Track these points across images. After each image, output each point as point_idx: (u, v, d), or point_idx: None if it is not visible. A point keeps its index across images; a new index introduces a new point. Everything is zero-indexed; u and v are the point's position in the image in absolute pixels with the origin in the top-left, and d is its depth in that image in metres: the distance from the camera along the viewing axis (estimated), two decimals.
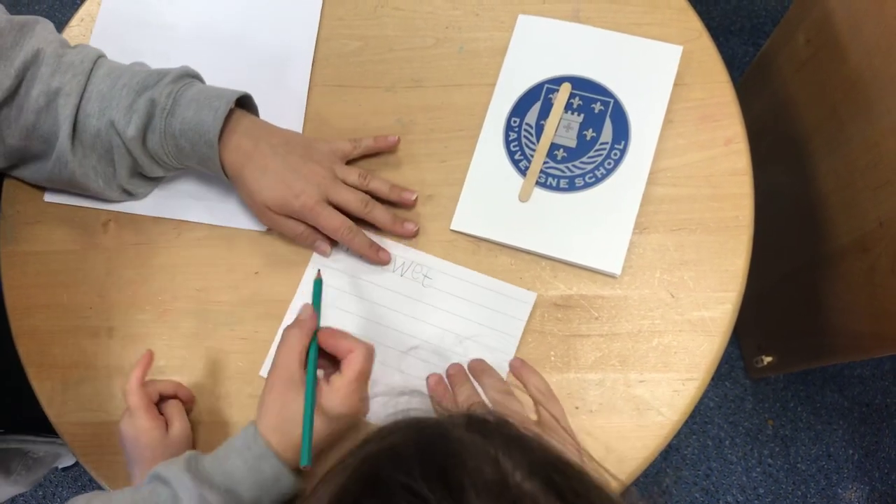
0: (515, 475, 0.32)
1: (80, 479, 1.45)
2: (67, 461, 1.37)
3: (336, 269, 0.71)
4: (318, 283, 0.66)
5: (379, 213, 0.69)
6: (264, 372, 0.68)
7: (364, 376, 0.59)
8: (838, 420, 1.40)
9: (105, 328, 0.71)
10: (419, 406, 0.50)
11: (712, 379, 1.43)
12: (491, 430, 0.36)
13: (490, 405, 0.57)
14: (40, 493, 1.45)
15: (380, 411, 0.62)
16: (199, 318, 0.71)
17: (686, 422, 0.66)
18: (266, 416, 0.57)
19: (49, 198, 0.75)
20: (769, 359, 1.23)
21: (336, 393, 0.57)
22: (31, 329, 0.72)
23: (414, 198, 0.71)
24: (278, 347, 0.59)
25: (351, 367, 0.58)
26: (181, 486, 0.53)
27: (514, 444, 0.35)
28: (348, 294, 0.70)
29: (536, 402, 0.59)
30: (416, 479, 0.31)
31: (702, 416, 1.40)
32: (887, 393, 1.41)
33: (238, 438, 0.57)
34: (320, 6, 0.80)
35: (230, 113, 0.65)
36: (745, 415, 1.41)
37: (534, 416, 0.59)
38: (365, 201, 0.69)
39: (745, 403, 1.41)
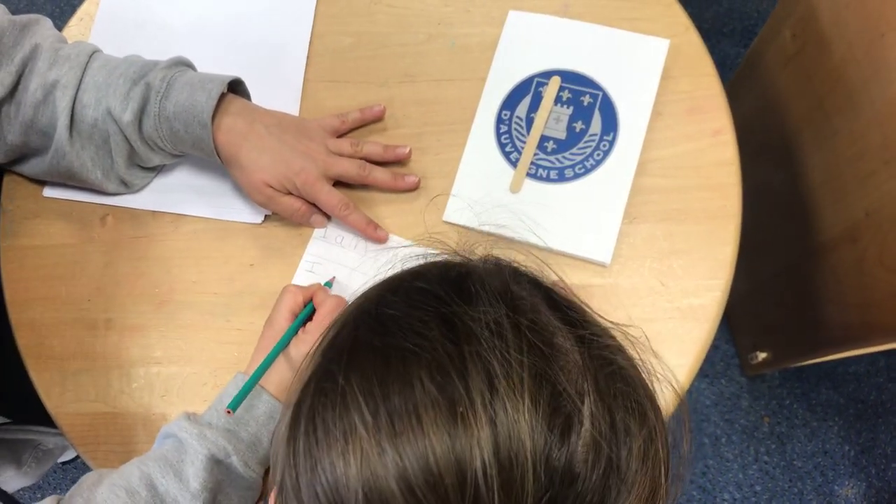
0: (519, 288, 0.36)
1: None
2: (71, 454, 1.38)
3: (330, 260, 0.72)
4: (329, 285, 0.69)
5: (378, 174, 0.71)
6: None
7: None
8: (834, 417, 1.40)
9: (103, 320, 0.72)
10: None
11: (707, 377, 1.44)
12: (504, 265, 0.39)
13: None
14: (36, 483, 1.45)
15: None
16: (195, 309, 0.72)
17: (681, 419, 0.67)
18: (254, 363, 0.62)
19: (48, 192, 0.76)
20: (764, 355, 1.23)
21: (307, 336, 0.62)
22: (30, 321, 0.73)
23: (408, 151, 0.73)
24: (275, 304, 0.64)
25: (320, 312, 0.63)
26: (182, 430, 0.57)
27: (522, 275, 0.38)
28: (342, 286, 0.71)
29: None
30: (433, 285, 0.35)
31: (698, 414, 1.41)
32: (882, 389, 1.42)
33: (229, 386, 0.62)
34: (314, 4, 0.81)
35: (223, 96, 0.67)
36: (740, 412, 1.41)
37: None
38: (362, 166, 0.71)
39: (741, 401, 1.42)
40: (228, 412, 0.57)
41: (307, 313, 0.64)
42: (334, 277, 0.70)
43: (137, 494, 0.53)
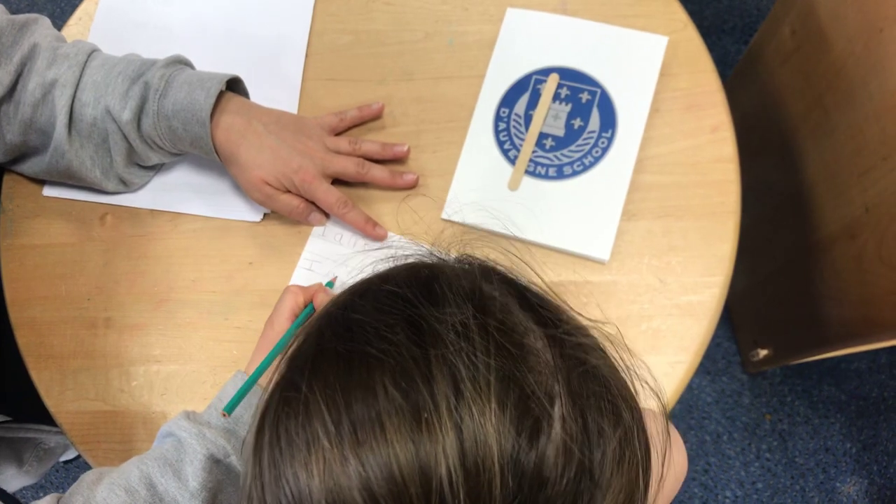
0: (490, 288, 0.35)
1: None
2: (73, 453, 1.38)
3: (328, 258, 0.72)
4: (330, 284, 0.69)
5: (377, 172, 0.71)
6: None
7: None
8: (836, 414, 1.40)
9: (102, 318, 0.72)
10: None
11: (709, 374, 1.44)
12: (476, 264, 0.38)
13: None
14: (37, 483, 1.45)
15: None
16: (194, 308, 0.72)
17: (683, 417, 0.67)
18: (253, 362, 0.61)
19: (48, 192, 0.77)
20: (765, 352, 1.23)
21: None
22: (30, 320, 0.73)
23: (406, 149, 0.73)
24: (276, 304, 0.64)
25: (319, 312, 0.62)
26: (181, 429, 0.56)
27: (495, 274, 0.37)
28: (339, 285, 0.71)
29: None
30: (401, 287, 0.34)
31: (699, 412, 1.41)
32: (884, 386, 1.41)
33: (229, 383, 0.61)
34: (313, 2, 0.81)
35: (221, 94, 0.67)
36: (742, 410, 1.41)
37: None
38: (360, 163, 0.71)
39: (743, 398, 1.41)
40: (224, 415, 0.57)
41: (307, 314, 0.64)
42: (336, 277, 0.70)
43: (137, 493, 0.53)
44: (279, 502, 0.31)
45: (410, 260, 0.40)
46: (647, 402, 0.38)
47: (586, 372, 0.33)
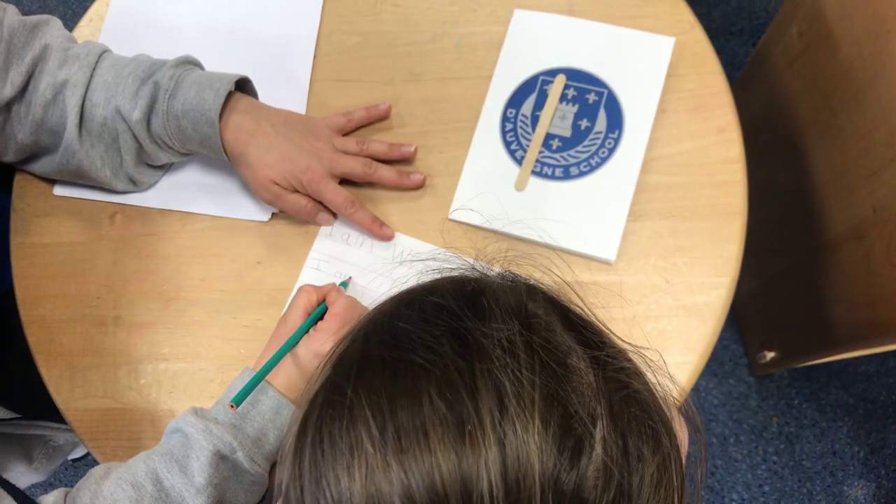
0: (534, 306, 0.35)
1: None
2: (81, 451, 1.39)
3: (336, 257, 0.72)
4: (344, 285, 0.69)
5: (384, 172, 0.72)
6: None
7: (342, 320, 0.62)
8: (843, 417, 1.40)
9: (112, 317, 0.73)
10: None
11: (716, 376, 1.44)
12: (520, 281, 0.39)
13: None
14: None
15: None
16: (202, 306, 0.72)
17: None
18: (263, 359, 0.62)
19: (58, 191, 0.77)
20: (772, 354, 1.23)
21: (317, 335, 0.62)
22: (40, 318, 0.73)
23: (413, 149, 0.74)
24: (290, 302, 0.65)
25: (331, 311, 0.63)
26: (188, 425, 0.57)
27: (539, 292, 0.38)
28: (353, 286, 0.71)
29: None
30: (447, 300, 0.35)
31: (706, 414, 1.41)
32: (892, 390, 1.41)
33: (237, 380, 0.61)
34: (321, 3, 0.82)
35: (230, 94, 0.68)
36: (749, 412, 1.41)
37: None
38: (368, 164, 0.71)
39: (750, 401, 1.41)
40: (232, 406, 0.57)
41: (319, 312, 0.64)
42: (350, 278, 0.70)
43: (143, 489, 0.54)
44: (317, 499, 0.31)
45: (455, 273, 0.41)
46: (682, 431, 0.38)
47: (628, 396, 0.33)
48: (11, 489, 0.53)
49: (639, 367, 0.36)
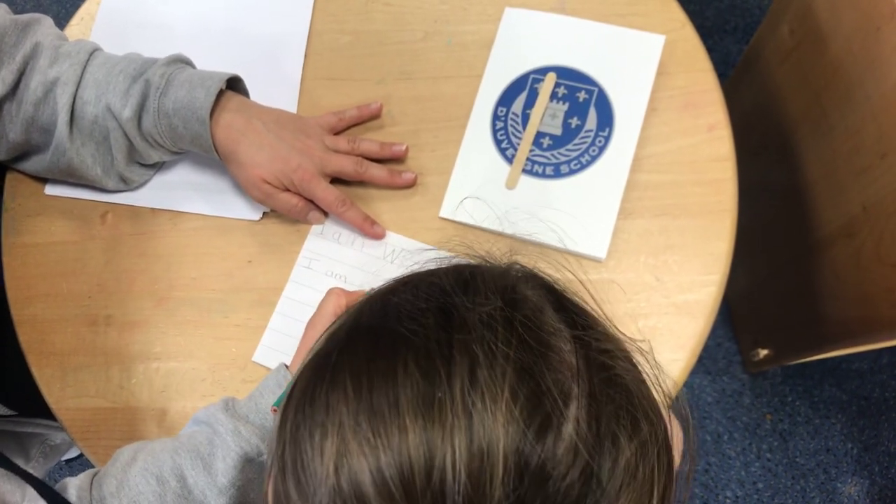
0: (525, 288, 0.36)
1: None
2: (76, 451, 1.38)
3: (327, 256, 0.72)
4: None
5: (375, 171, 0.72)
6: (257, 357, 0.70)
7: None
8: (837, 414, 1.40)
9: (103, 316, 0.73)
10: None
11: (710, 374, 1.44)
12: (517, 267, 0.39)
13: None
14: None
15: None
16: (194, 305, 0.72)
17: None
18: (296, 361, 0.61)
19: (49, 190, 0.77)
20: (765, 352, 1.23)
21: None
22: (32, 317, 0.73)
23: (404, 148, 0.74)
24: (318, 305, 0.63)
25: None
26: (218, 423, 0.57)
27: (536, 278, 0.38)
28: (338, 279, 0.71)
29: None
30: (442, 280, 0.36)
31: (700, 412, 1.41)
32: (885, 386, 1.41)
33: (270, 378, 0.61)
34: (312, 2, 0.82)
35: (221, 93, 0.68)
36: (743, 409, 1.41)
37: None
38: (359, 162, 0.71)
39: (744, 398, 1.41)
40: (274, 410, 0.57)
41: None
42: (373, 288, 0.69)
43: (167, 484, 0.54)
44: (295, 462, 0.32)
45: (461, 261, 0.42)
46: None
47: (609, 378, 0.33)
48: (31, 479, 0.53)
49: (630, 355, 0.37)
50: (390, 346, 0.33)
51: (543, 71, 0.75)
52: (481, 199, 0.72)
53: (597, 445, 0.31)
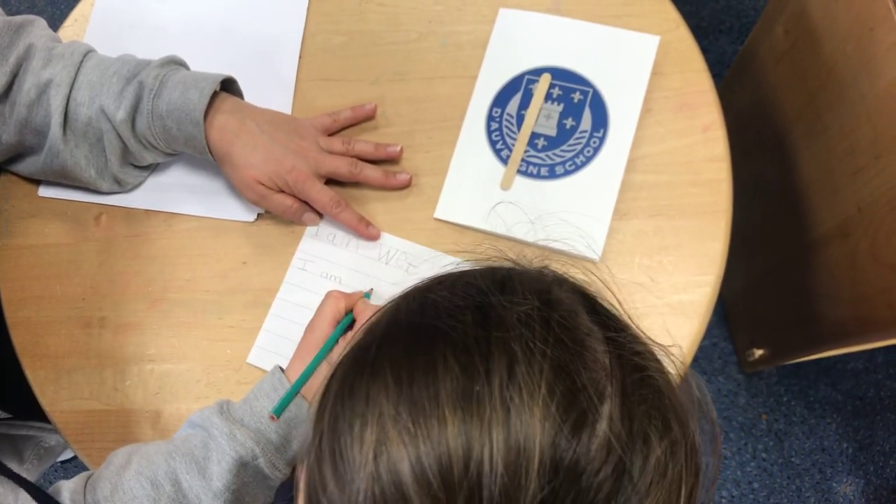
0: (559, 290, 0.37)
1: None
2: (71, 453, 1.38)
3: (322, 257, 0.72)
4: (368, 296, 0.68)
5: (369, 172, 0.72)
6: (251, 359, 0.70)
7: None
8: (832, 414, 1.40)
9: (97, 318, 0.73)
10: None
11: (705, 374, 1.44)
12: (551, 271, 0.40)
13: None
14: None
15: None
16: (188, 307, 0.72)
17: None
18: (293, 365, 0.61)
19: (43, 192, 0.77)
20: (761, 352, 1.24)
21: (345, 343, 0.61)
22: (25, 320, 0.73)
23: (399, 149, 0.74)
24: (317, 309, 0.64)
25: (359, 322, 0.63)
26: (213, 426, 0.57)
27: (569, 283, 0.39)
28: (333, 280, 0.71)
29: None
30: (478, 280, 0.37)
31: None
32: (880, 386, 1.41)
33: (265, 381, 0.61)
34: (307, 2, 0.82)
35: (215, 94, 0.67)
36: (738, 409, 1.41)
37: None
38: (354, 163, 0.71)
39: (739, 398, 1.42)
40: (273, 418, 0.57)
41: (348, 322, 0.63)
42: (372, 289, 0.69)
43: (162, 488, 0.54)
44: (333, 451, 0.33)
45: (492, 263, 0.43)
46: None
47: (641, 379, 0.34)
48: (24, 483, 0.53)
49: (659, 360, 0.37)
50: (429, 340, 0.33)
51: (538, 72, 0.75)
52: (476, 200, 0.72)
53: (629, 443, 0.31)
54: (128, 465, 0.56)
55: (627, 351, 0.35)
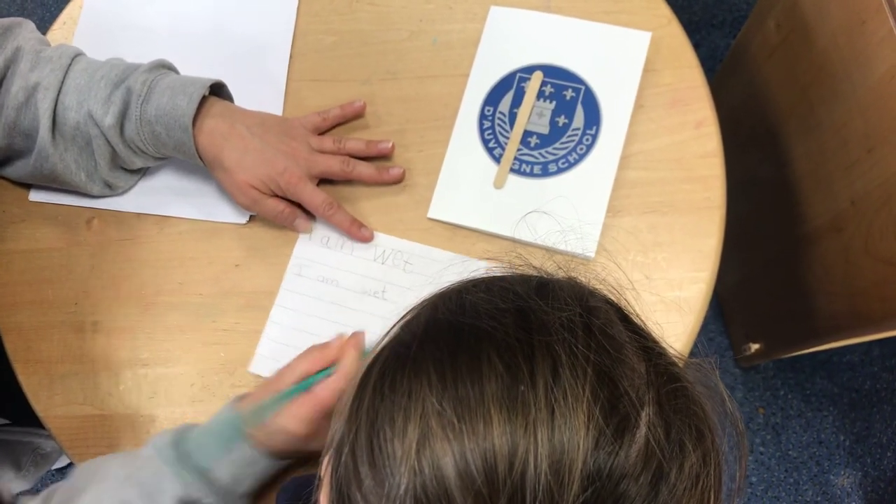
0: (594, 300, 0.38)
1: None
2: (66, 460, 1.38)
3: (317, 261, 0.72)
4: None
5: (362, 168, 0.71)
6: (253, 368, 0.69)
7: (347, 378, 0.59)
8: (829, 407, 1.41)
9: (90, 323, 0.72)
10: None
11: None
12: (581, 281, 0.41)
13: None
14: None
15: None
16: (181, 311, 0.72)
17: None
18: (258, 396, 0.60)
19: (34, 196, 0.76)
20: (756, 346, 1.24)
21: (308, 396, 0.58)
22: (17, 325, 0.73)
23: (390, 145, 0.73)
24: (294, 359, 0.61)
25: (341, 368, 0.60)
26: (166, 462, 0.56)
27: (599, 292, 0.40)
28: (331, 284, 0.71)
29: None
30: (514, 285, 0.37)
31: None
32: (877, 378, 1.42)
33: (219, 414, 0.60)
34: (297, 3, 0.81)
35: (204, 99, 0.67)
36: (735, 404, 1.41)
37: None
38: (346, 161, 0.71)
39: (736, 392, 1.42)
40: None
41: (311, 383, 0.60)
42: (363, 333, 0.64)
43: None
44: (371, 445, 0.33)
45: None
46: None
47: (676, 389, 0.35)
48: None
49: (687, 374, 0.38)
50: (473, 339, 0.34)
51: (530, 70, 0.75)
52: (469, 199, 0.72)
53: (667, 450, 0.32)
54: (84, 491, 0.55)
55: (663, 361, 0.36)
